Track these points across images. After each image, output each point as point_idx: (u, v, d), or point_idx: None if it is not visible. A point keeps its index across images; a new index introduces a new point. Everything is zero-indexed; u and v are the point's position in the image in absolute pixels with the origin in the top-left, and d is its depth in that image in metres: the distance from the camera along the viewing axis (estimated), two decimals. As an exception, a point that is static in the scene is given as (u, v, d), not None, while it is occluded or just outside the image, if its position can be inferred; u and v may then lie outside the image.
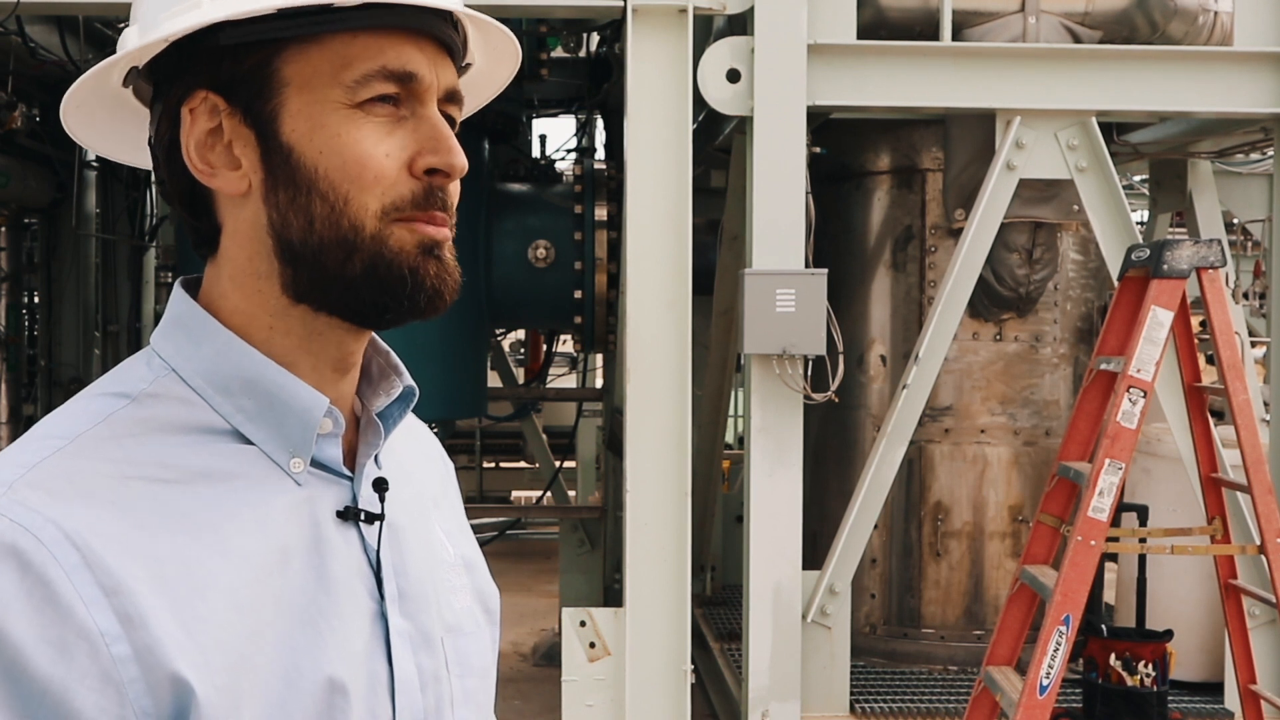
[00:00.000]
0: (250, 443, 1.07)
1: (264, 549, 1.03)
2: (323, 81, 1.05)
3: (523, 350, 12.41)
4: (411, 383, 1.18)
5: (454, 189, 1.10)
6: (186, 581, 0.98)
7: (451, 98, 1.11)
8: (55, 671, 0.93)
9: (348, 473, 1.12)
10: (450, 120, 1.11)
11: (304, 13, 1.04)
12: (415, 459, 1.26)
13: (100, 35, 7.33)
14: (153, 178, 9.12)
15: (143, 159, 1.18)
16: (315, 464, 1.10)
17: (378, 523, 1.11)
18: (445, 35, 1.09)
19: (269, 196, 1.07)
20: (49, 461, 1.00)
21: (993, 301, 5.96)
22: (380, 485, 1.12)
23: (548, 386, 9.23)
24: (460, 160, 1.09)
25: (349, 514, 1.10)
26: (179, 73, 1.08)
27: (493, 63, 1.21)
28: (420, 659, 1.11)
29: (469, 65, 1.16)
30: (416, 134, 1.07)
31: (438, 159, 1.07)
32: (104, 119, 1.17)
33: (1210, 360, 4.70)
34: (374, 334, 1.16)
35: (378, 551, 1.11)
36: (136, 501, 1.00)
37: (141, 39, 1.08)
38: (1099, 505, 3.91)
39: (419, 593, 1.13)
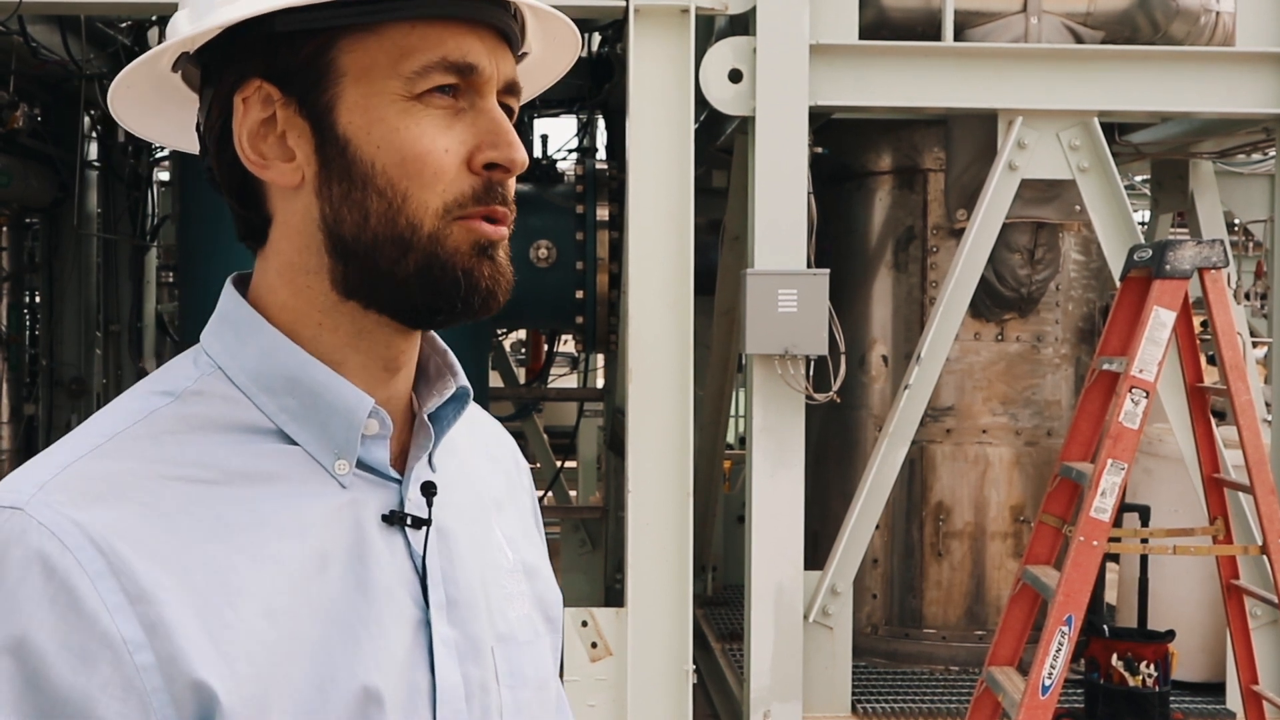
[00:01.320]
0: (294, 443, 1.04)
1: (301, 554, 1.01)
2: (381, 72, 1.02)
3: (523, 350, 12.41)
4: (466, 383, 1.14)
5: (512, 183, 1.07)
6: (217, 588, 0.96)
7: (510, 89, 1.08)
8: (77, 681, 0.91)
9: (396, 475, 1.08)
10: (508, 111, 1.08)
11: (363, 1, 1.01)
12: (479, 460, 1.22)
13: (101, 35, 7.33)
14: (153, 172, 9.16)
15: (186, 142, 1.15)
16: (362, 466, 1.06)
17: (424, 528, 1.08)
18: (505, 24, 1.06)
19: (322, 190, 1.04)
20: (83, 461, 0.98)
21: (994, 302, 5.96)
22: (428, 489, 1.09)
23: (549, 386, 9.23)
24: (521, 155, 1.05)
25: (394, 518, 1.06)
26: (231, 59, 1.05)
27: (550, 51, 1.18)
28: (467, 669, 1.08)
29: (525, 54, 1.13)
30: (475, 127, 1.04)
31: (498, 154, 1.04)
32: (149, 102, 1.14)
33: (1211, 360, 4.70)
34: (432, 332, 1.13)
35: (423, 558, 1.07)
36: (170, 504, 0.98)
37: (193, 25, 1.04)
38: (1101, 505, 3.91)
39: (469, 600, 1.10)
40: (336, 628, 1.00)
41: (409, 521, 1.07)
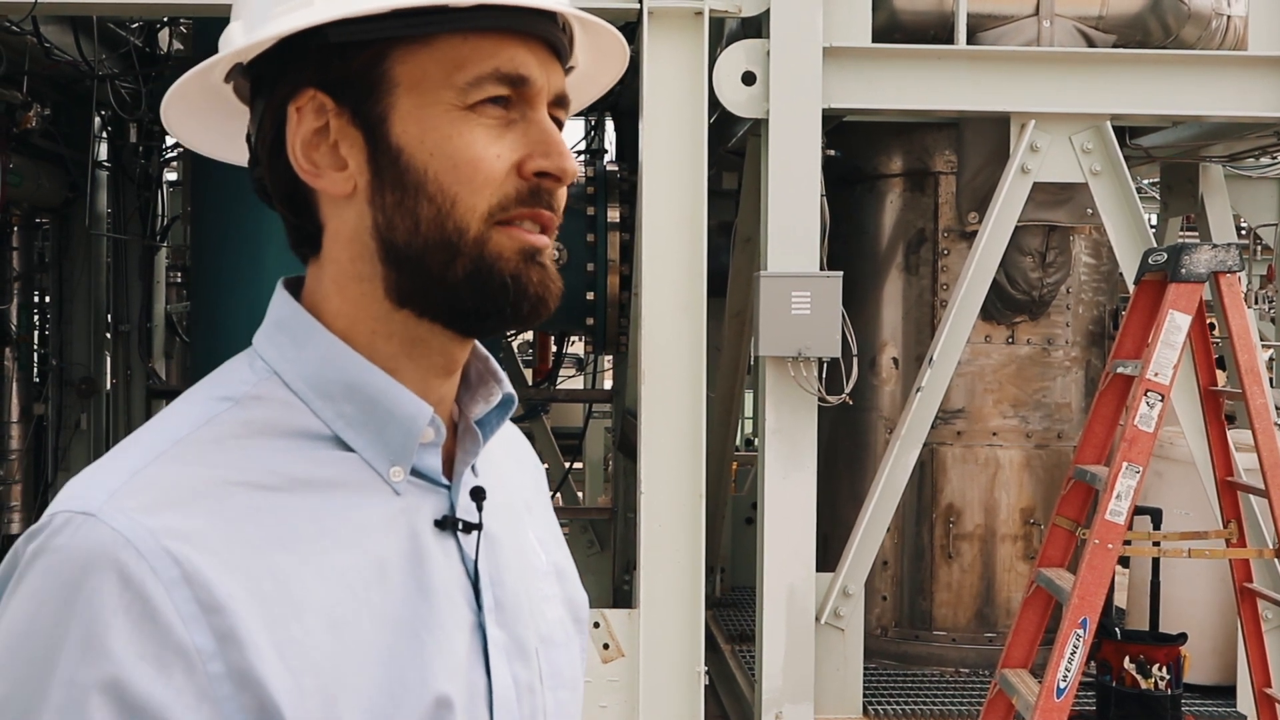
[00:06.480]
0: (350, 449, 1.05)
1: (362, 563, 1.02)
2: (434, 83, 1.03)
3: (530, 351, 12.43)
4: (511, 390, 1.16)
5: (562, 193, 1.08)
6: (283, 600, 0.98)
7: (559, 101, 1.09)
8: (153, 690, 0.92)
9: (445, 482, 1.10)
10: (557, 123, 1.09)
11: (416, 13, 1.02)
12: (509, 465, 1.23)
13: (113, 36, 7.34)
14: (162, 172, 9.16)
15: (234, 153, 1.16)
16: (414, 473, 1.08)
17: (475, 532, 1.10)
18: (554, 37, 1.07)
19: (375, 199, 1.05)
20: (152, 467, 0.99)
21: (1005, 304, 5.96)
22: (478, 494, 1.10)
23: (557, 388, 9.24)
24: (571, 164, 1.06)
25: (447, 524, 1.08)
26: (285, 70, 1.06)
27: (597, 65, 1.19)
28: (516, 670, 1.10)
29: (573, 68, 1.14)
30: (526, 137, 1.05)
31: (549, 162, 1.05)
32: (199, 113, 1.14)
33: (1220, 364, 4.70)
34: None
35: (475, 561, 1.09)
36: (237, 512, 0.99)
37: (248, 36, 1.06)
38: (1116, 508, 3.91)
39: (514, 603, 1.12)
40: (402, 633, 1.02)
41: (460, 526, 1.08)
